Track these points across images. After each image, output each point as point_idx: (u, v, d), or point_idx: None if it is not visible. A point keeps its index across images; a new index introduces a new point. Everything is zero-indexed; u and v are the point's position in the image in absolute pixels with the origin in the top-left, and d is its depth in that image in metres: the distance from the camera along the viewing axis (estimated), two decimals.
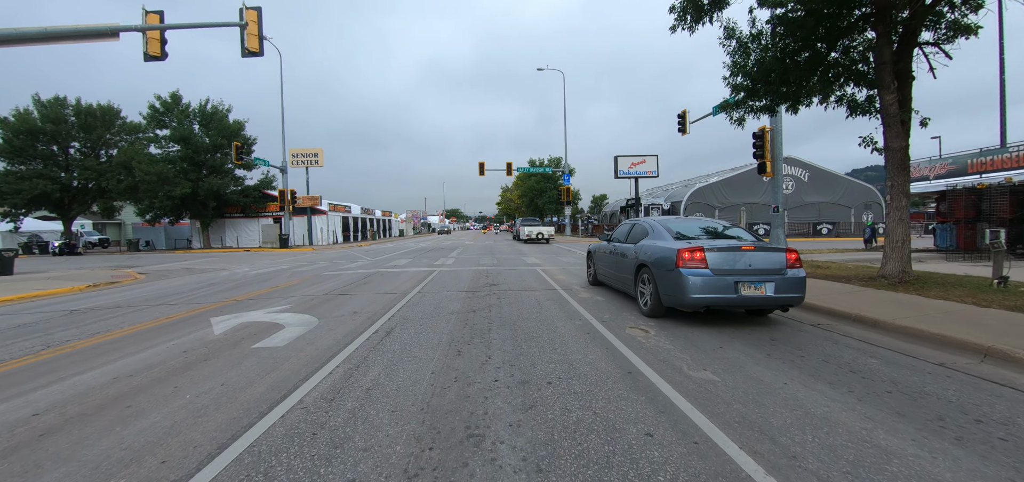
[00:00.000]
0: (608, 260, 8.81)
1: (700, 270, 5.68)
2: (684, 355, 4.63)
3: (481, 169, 39.68)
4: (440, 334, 5.54)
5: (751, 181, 38.61)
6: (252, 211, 39.53)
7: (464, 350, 4.82)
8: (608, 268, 8.84)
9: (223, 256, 26.19)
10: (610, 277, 8.79)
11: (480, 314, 6.72)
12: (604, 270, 9.21)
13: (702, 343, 5.08)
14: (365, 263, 16.66)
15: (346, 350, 4.91)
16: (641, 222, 7.82)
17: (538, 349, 4.83)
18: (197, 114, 36.78)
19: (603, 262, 9.24)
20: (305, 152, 39.87)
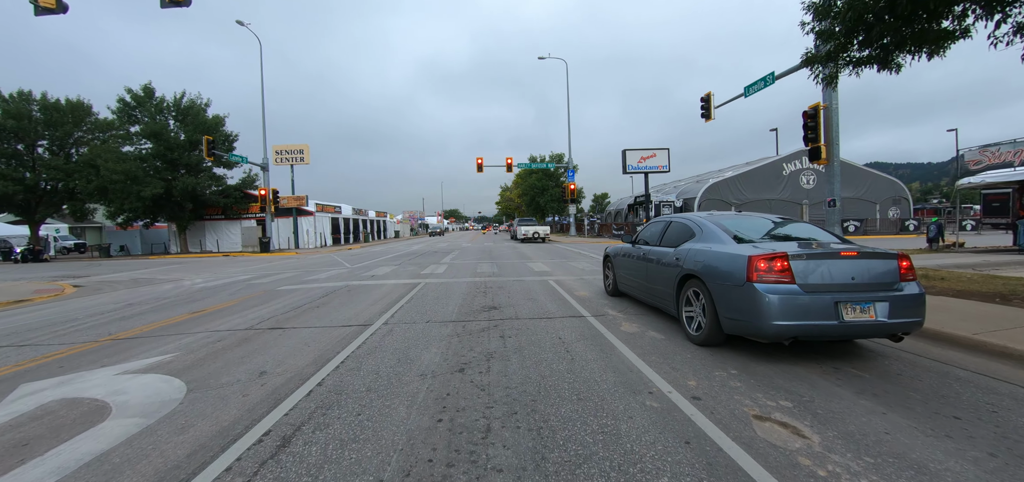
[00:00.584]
0: (634, 268, 7.15)
1: (784, 286, 4.11)
2: None
3: (479, 166, 36.95)
4: (388, 443, 2.81)
5: (770, 176, 35.91)
6: (234, 213, 36.78)
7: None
8: (635, 277, 7.14)
9: (192, 263, 23.43)
10: (638, 288, 7.08)
11: (472, 375, 4.00)
12: (629, 279, 7.48)
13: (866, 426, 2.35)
14: (340, 272, 13.92)
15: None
16: (681, 220, 6.20)
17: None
18: (172, 109, 34.07)
19: (627, 269, 7.55)
20: (289, 148, 37.13)
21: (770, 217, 5.88)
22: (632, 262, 7.26)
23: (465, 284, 10.14)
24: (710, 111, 20.36)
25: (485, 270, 13.05)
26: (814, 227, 5.60)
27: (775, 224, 5.55)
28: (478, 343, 5.06)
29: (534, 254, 19.60)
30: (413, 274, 12.36)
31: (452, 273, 12.43)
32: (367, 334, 5.62)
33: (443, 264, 15.43)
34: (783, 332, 4.01)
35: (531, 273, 12.10)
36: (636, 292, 7.21)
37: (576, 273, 11.99)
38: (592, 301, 7.83)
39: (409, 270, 13.63)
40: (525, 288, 9.46)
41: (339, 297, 8.89)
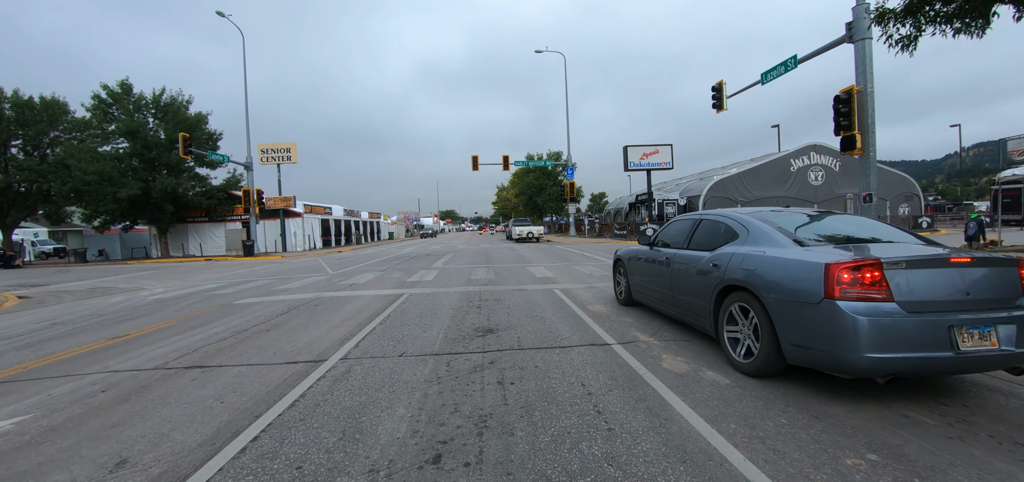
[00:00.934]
0: (654, 275, 6.07)
1: (879, 305, 3.04)
2: None
3: (474, 163, 35.42)
4: None
5: (777, 172, 34.50)
6: (218, 215, 35.09)
7: None
8: (655, 286, 6.06)
9: (167, 269, 21.76)
10: (659, 299, 5.97)
11: (454, 469, 2.45)
12: (647, 287, 6.41)
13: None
14: (317, 280, 12.36)
15: None
16: (717, 217, 5.11)
17: None
18: (151, 106, 32.38)
19: (644, 276, 6.50)
20: (276, 147, 35.47)
21: (814, 212, 4.97)
22: (651, 268, 6.16)
23: (456, 296, 8.59)
24: (722, 101, 18.92)
25: (480, 277, 11.51)
26: (882, 224, 4.62)
27: (822, 219, 4.63)
28: (466, 396, 3.52)
29: (533, 256, 18.07)
30: (398, 282, 10.79)
31: (442, 281, 10.88)
32: (314, 378, 4.06)
33: (434, 269, 13.87)
34: (880, 367, 2.97)
35: (533, 280, 10.57)
36: (656, 303, 6.09)
37: (583, 280, 10.47)
38: (611, 318, 6.31)
39: (394, 277, 12.07)
40: (528, 300, 7.93)
41: (301, 315, 7.34)
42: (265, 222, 35.56)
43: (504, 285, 9.79)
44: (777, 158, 34.85)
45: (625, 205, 47.31)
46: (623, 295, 7.31)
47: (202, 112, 34.08)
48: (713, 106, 19.09)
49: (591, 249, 22.07)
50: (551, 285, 9.66)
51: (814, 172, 34.82)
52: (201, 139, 33.14)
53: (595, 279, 10.50)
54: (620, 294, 7.48)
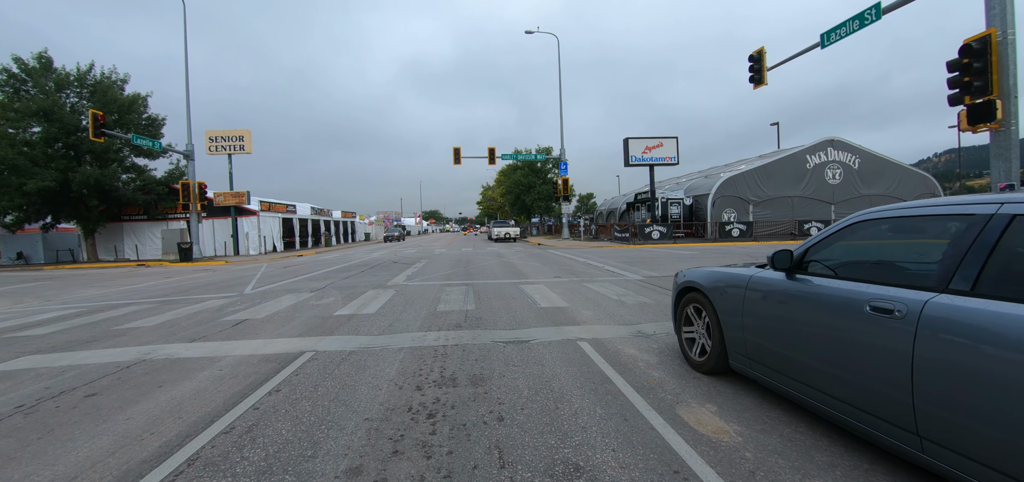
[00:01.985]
0: (818, 337, 2.62)
1: None
2: None
3: (456, 156, 31.37)
4: None
5: (793, 169, 31.20)
6: (158, 212, 30.35)
7: None
8: (804, 352, 2.73)
9: (78, 277, 17.16)
10: (811, 376, 2.68)
11: None
12: (780, 352, 2.96)
13: None
14: (200, 311, 8.21)
15: None
16: (974, 205, 2.14)
17: None
18: (75, 84, 27.55)
19: (775, 329, 3.05)
20: (226, 134, 30.85)
21: None
22: (804, 319, 2.82)
23: (399, 361, 4.57)
24: (762, 74, 15.26)
25: (453, 306, 7.50)
26: None
27: None
28: None
29: (528, 267, 14.08)
30: (315, 322, 6.69)
31: (391, 315, 6.85)
32: None
33: (389, 289, 9.81)
34: None
35: (537, 315, 6.61)
36: (803, 385, 2.80)
37: (610, 311, 6.59)
38: (740, 447, 2.34)
39: (321, 306, 7.98)
40: (538, 379, 3.94)
41: (31, 428, 3.24)
42: (215, 221, 30.97)
43: (490, 329, 5.80)
44: (792, 154, 31.57)
45: (621, 205, 43.72)
46: (712, 356, 3.83)
47: (140, 93, 29.33)
48: (750, 80, 15.42)
49: (595, 255, 18.20)
50: (568, 328, 5.71)
51: (832, 170, 31.62)
52: (137, 124, 28.48)
53: (631, 312, 6.59)
54: (699, 354, 4.07)
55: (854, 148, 31.92)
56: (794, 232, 29.18)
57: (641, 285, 9.36)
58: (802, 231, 28.69)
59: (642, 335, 5.30)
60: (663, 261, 14.78)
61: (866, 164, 32.04)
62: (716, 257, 16.06)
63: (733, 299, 3.54)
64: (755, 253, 17.68)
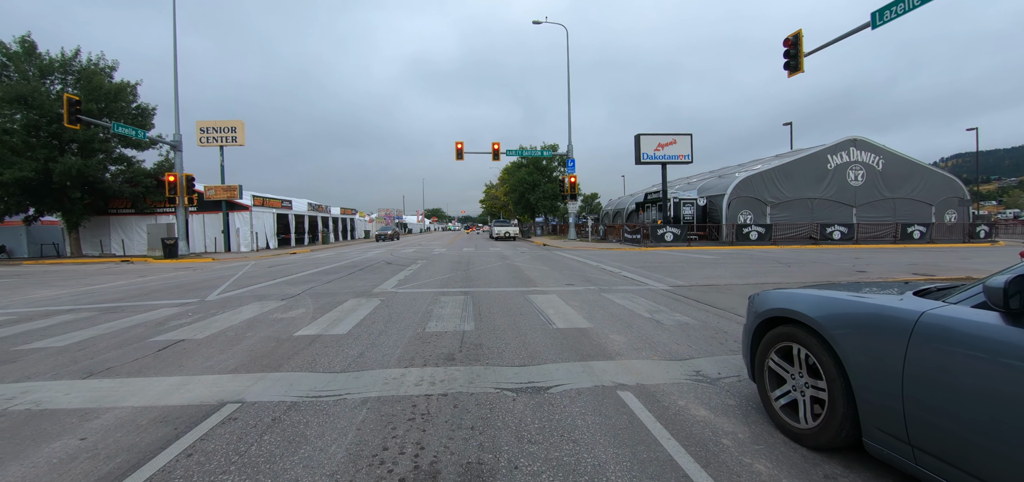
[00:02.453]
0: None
1: None
2: None
3: (458, 151, 29.89)
4: None
5: (813, 170, 29.55)
6: (146, 205, 29.02)
7: None
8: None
9: (49, 274, 15.75)
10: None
11: None
12: None
13: None
14: (135, 325, 6.76)
15: None
16: None
17: None
18: (59, 70, 26.23)
19: (981, 415, 1.80)
20: (218, 125, 29.44)
21: None
22: None
23: (358, 425, 3.11)
24: (799, 60, 13.71)
25: (447, 324, 6.03)
26: None
27: None
28: None
29: (536, 272, 12.58)
30: (271, 342, 5.21)
31: (367, 338, 5.38)
32: None
33: (374, 298, 8.34)
34: None
35: (549, 333, 5.18)
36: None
37: (643, 330, 5.11)
38: None
39: (284, 322, 6.50)
40: (571, 464, 2.44)
41: None
42: (206, 216, 29.62)
43: (494, 364, 4.31)
44: (812, 154, 29.90)
45: (628, 205, 42.12)
46: (828, 422, 2.48)
47: (128, 82, 28.00)
48: (785, 67, 13.87)
49: (608, 259, 16.67)
50: (599, 363, 4.23)
51: (854, 171, 29.95)
52: (126, 113, 27.18)
53: (673, 338, 5.09)
54: (811, 419, 2.64)
55: (878, 148, 30.25)
56: (815, 236, 27.57)
57: (672, 297, 7.84)
58: (824, 235, 27.07)
59: (703, 379, 3.81)
60: (685, 267, 13.25)
61: (890, 165, 30.36)
62: (744, 264, 14.51)
63: (882, 348, 2.25)
64: (785, 258, 16.12)
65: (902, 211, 30.31)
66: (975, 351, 1.89)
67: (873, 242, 27.45)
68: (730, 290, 8.75)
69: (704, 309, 6.79)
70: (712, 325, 5.76)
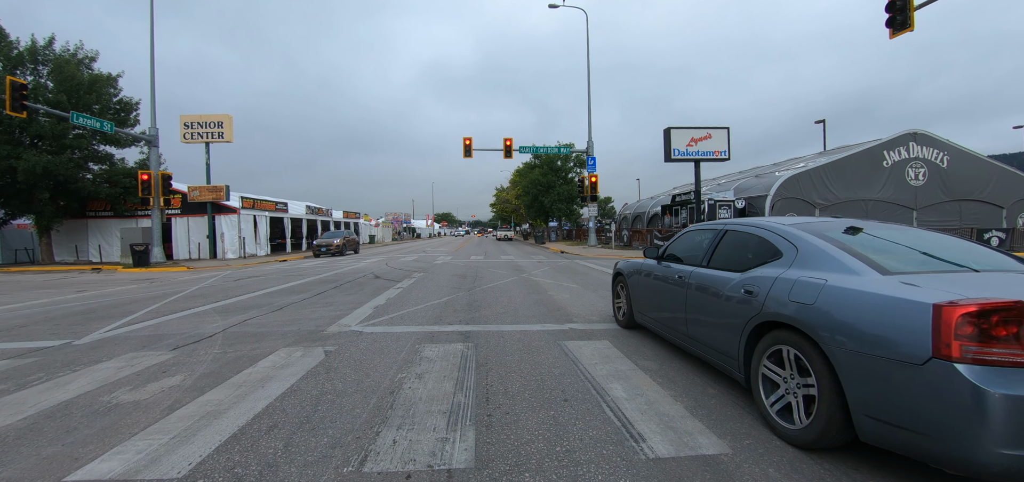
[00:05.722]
0: (663, 295, 4.83)
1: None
2: None
3: (466, 149, 26.96)
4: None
5: (867, 167, 25.99)
6: (125, 208, 26.50)
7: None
8: (664, 309, 4.81)
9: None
10: (667, 325, 4.74)
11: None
12: (652, 309, 5.16)
13: None
14: None
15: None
16: (748, 228, 3.94)
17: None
18: (28, 59, 23.89)
19: (650, 296, 5.25)
20: (203, 119, 26.92)
21: (909, 229, 3.60)
22: (659, 287, 4.94)
23: None
24: (909, 15, 10.49)
25: (414, 444, 3.00)
26: (975, 245, 3.35)
27: (924, 241, 3.29)
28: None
29: (562, 290, 9.46)
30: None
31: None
32: None
33: (315, 348, 5.32)
34: None
35: (639, 470, 2.00)
36: (666, 331, 4.78)
37: None
38: None
39: (92, 427, 3.51)
40: None
41: None
42: (190, 219, 27.02)
43: None
44: (867, 149, 26.31)
45: (650, 208, 38.75)
46: (624, 316, 6.04)
47: (106, 73, 25.59)
48: (888, 24, 10.62)
49: None
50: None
51: (914, 169, 26.33)
52: (105, 106, 24.77)
53: None
54: (622, 315, 6.14)
55: (941, 143, 26.63)
56: None
57: None
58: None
59: None
60: None
61: (956, 162, 26.70)
62: None
63: (636, 277, 5.77)
64: None
65: (969, 215, 26.59)
66: (651, 275, 5.15)
67: None
68: None
69: None
70: None
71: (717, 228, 4.40)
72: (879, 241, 3.30)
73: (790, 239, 3.40)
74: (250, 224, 28.43)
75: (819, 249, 3.10)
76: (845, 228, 3.53)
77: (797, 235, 3.39)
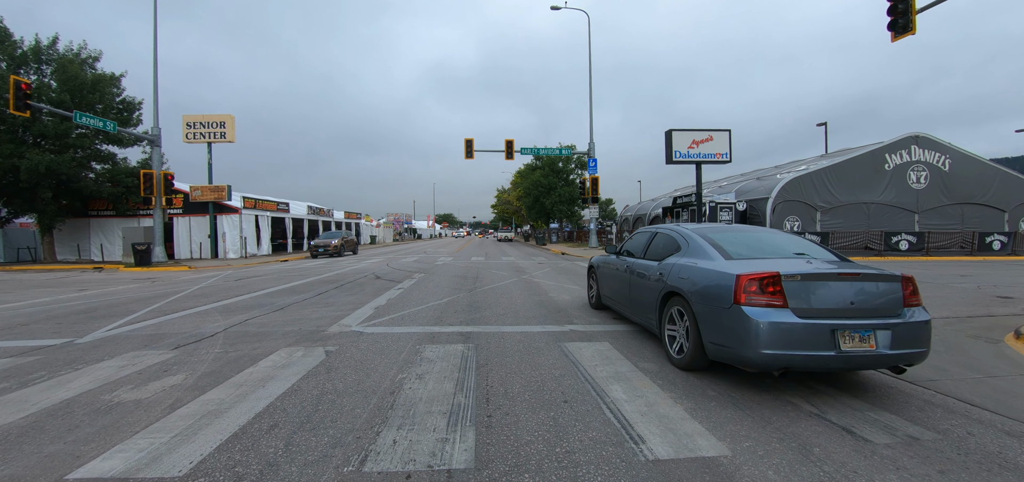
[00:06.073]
0: (618, 280, 6.37)
1: (776, 310, 3.55)
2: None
3: (468, 148, 27.00)
4: None
5: (868, 170, 25.96)
6: (128, 207, 26.57)
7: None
8: (618, 291, 6.40)
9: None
10: (621, 302, 6.27)
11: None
12: (612, 292, 6.76)
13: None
14: None
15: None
16: (669, 232, 5.45)
17: None
18: (31, 58, 23.97)
19: (610, 281, 6.82)
20: (206, 119, 27.00)
21: (759, 230, 5.30)
22: (616, 273, 6.51)
23: None
24: (910, 19, 10.50)
25: (416, 444, 3.04)
26: (807, 241, 5.02)
27: (764, 238, 4.99)
28: None
29: (565, 294, 9.49)
30: None
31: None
32: None
33: (317, 347, 5.33)
34: (774, 361, 3.47)
35: (639, 471, 2.01)
36: (619, 306, 6.47)
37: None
38: None
39: (95, 423, 3.52)
40: None
41: None
42: (192, 218, 27.08)
43: None
44: (868, 152, 26.29)
45: (652, 210, 38.76)
46: (594, 298, 7.71)
47: (110, 73, 25.66)
48: (890, 27, 10.63)
49: None
50: None
51: (916, 172, 26.29)
52: (108, 106, 24.85)
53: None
54: (592, 298, 7.84)
55: (943, 146, 26.57)
56: (873, 245, 24.01)
57: None
58: (890, 245, 23.52)
59: None
60: None
61: (958, 166, 26.64)
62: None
63: (602, 268, 7.34)
64: None
65: (971, 218, 26.53)
66: (611, 266, 6.73)
67: (942, 254, 23.80)
68: None
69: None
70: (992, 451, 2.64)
71: (652, 230, 5.93)
72: (734, 237, 4.80)
73: (685, 236, 4.99)
74: (251, 224, 28.49)
75: (698, 244, 4.70)
76: (720, 230, 5.08)
77: (689, 234, 4.98)
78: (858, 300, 3.60)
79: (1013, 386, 3.98)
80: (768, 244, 4.76)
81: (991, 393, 3.80)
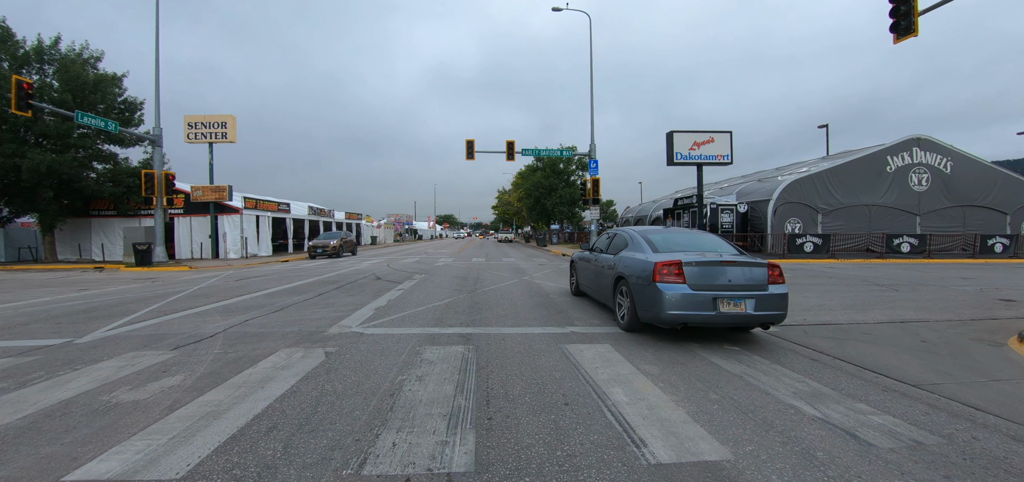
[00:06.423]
0: (590, 270, 8.25)
1: (677, 285, 5.23)
2: None
3: (469, 149, 26.98)
4: None
5: (870, 172, 25.92)
6: (129, 207, 26.58)
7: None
8: (589, 279, 8.30)
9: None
10: (591, 288, 8.22)
11: None
12: (586, 280, 8.61)
13: None
14: None
15: None
16: (622, 233, 7.30)
17: None
18: (33, 58, 23.99)
19: (585, 272, 8.66)
20: (207, 119, 27.00)
21: (691, 233, 6.88)
22: (588, 266, 8.34)
23: None
24: (913, 21, 10.49)
25: (415, 446, 3.01)
26: (720, 240, 6.57)
27: (690, 239, 6.49)
28: None
29: (566, 296, 9.45)
30: None
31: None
32: None
33: (316, 349, 5.31)
34: (675, 319, 5.14)
35: (641, 475, 1.99)
36: (591, 291, 8.23)
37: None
38: None
39: (91, 426, 3.50)
40: None
41: None
42: (193, 219, 27.08)
43: None
44: (870, 154, 26.25)
45: (653, 212, 38.75)
46: (574, 288, 9.43)
47: (112, 73, 25.65)
48: (892, 29, 10.60)
49: None
50: None
51: (917, 174, 26.24)
52: (110, 106, 24.85)
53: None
54: (573, 287, 9.51)
55: (945, 149, 26.51)
56: (875, 248, 23.94)
57: (838, 372, 4.68)
58: (891, 247, 23.43)
59: None
60: None
61: (960, 168, 26.58)
62: (834, 286, 11.21)
63: (580, 263, 8.99)
64: (877, 278, 12.72)
65: (973, 220, 26.48)
66: (586, 260, 8.54)
67: (944, 256, 23.73)
68: (895, 342, 5.53)
69: (938, 408, 3.60)
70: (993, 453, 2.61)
71: (613, 232, 7.75)
72: (663, 238, 6.37)
73: (632, 237, 6.74)
74: (252, 224, 28.49)
75: (639, 241, 6.42)
76: (657, 231, 6.71)
77: (634, 235, 6.73)
78: (735, 278, 5.21)
79: (1018, 390, 3.95)
80: (686, 242, 6.30)
81: (995, 397, 3.77)
